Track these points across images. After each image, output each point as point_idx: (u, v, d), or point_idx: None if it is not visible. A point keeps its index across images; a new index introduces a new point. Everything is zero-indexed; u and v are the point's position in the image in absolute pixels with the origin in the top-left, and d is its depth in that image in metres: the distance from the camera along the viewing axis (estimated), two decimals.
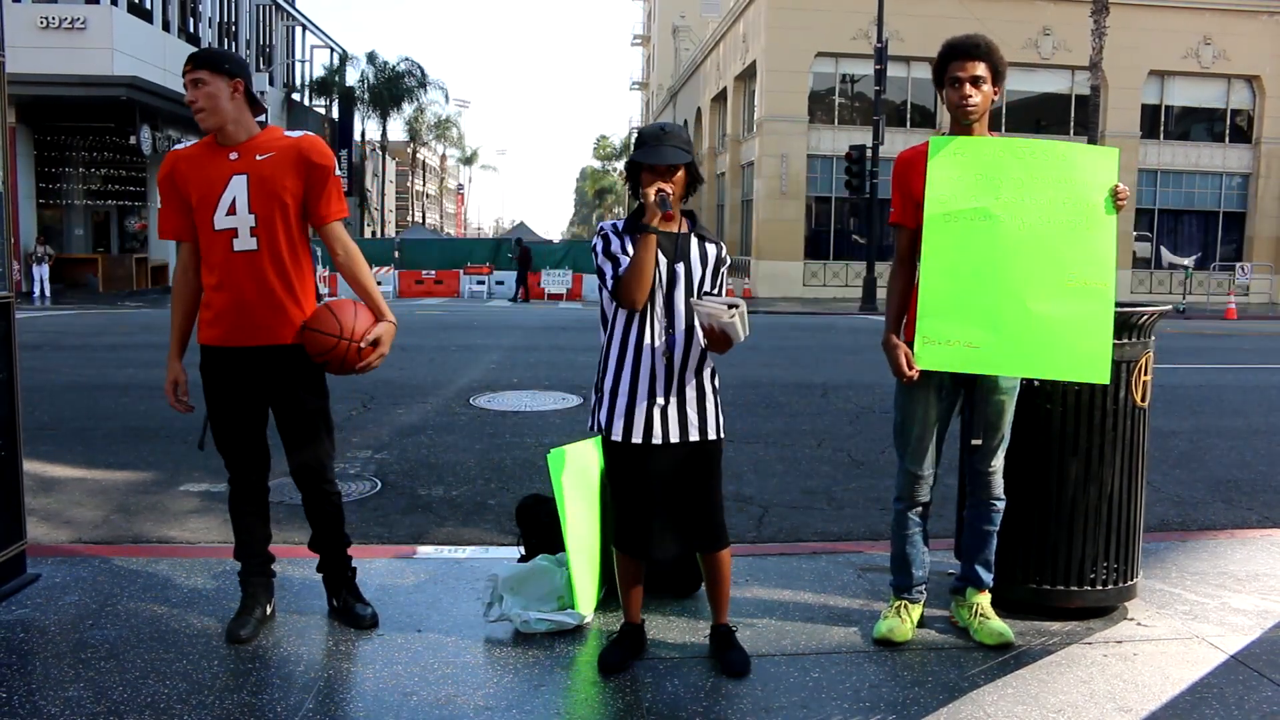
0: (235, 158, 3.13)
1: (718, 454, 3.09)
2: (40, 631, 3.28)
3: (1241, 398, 9.56)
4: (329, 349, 3.10)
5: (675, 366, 2.99)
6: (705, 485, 3.07)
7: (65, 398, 8.35)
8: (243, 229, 3.11)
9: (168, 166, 3.20)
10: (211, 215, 3.11)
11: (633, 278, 2.90)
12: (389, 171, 63.04)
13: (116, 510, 5.01)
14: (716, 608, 3.19)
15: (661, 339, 2.98)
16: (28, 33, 21.02)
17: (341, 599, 3.42)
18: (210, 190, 3.12)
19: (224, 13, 31.22)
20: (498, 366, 10.98)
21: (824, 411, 8.17)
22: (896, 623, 3.33)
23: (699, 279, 3.01)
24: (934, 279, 3.16)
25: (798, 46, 28.59)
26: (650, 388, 2.99)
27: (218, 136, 3.16)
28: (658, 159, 2.93)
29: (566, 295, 28.73)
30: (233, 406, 3.23)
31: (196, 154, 3.19)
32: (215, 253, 3.14)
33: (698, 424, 3.02)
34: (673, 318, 2.98)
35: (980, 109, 3.20)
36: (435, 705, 2.82)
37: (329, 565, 3.44)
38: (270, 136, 3.19)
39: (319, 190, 3.18)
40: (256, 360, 3.18)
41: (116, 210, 26.74)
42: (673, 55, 49.91)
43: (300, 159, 3.14)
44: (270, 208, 3.11)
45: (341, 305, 3.18)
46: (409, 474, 5.86)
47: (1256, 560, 4.26)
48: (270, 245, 3.13)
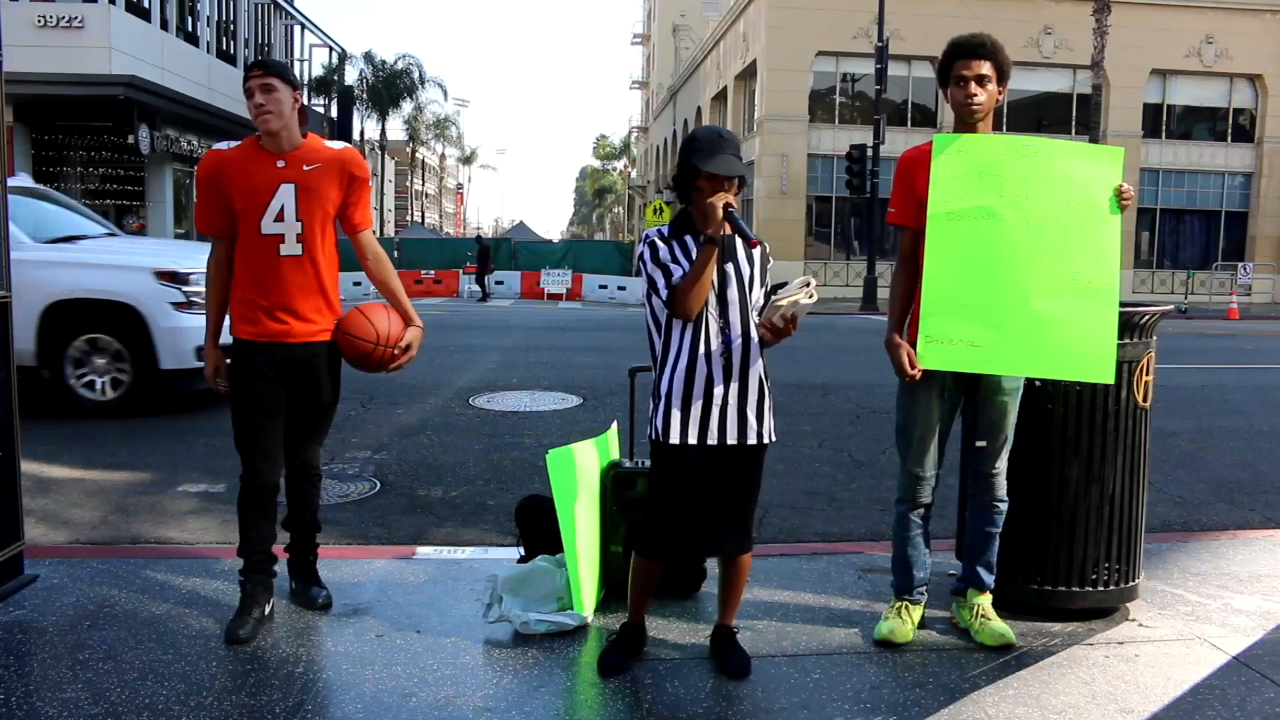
0: (283, 165, 3.25)
1: (764, 457, 3.09)
2: (38, 633, 3.27)
3: (1244, 398, 9.55)
4: (365, 353, 3.32)
5: (735, 367, 2.97)
6: (749, 487, 3.07)
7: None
8: (289, 235, 3.25)
9: (213, 166, 3.27)
10: (259, 220, 3.23)
11: (692, 288, 2.86)
12: (388, 171, 63.00)
13: (114, 511, 4.99)
14: (726, 609, 3.19)
15: (719, 340, 2.96)
16: (25, 31, 20.99)
17: (300, 580, 3.56)
18: (257, 196, 3.23)
19: (223, 11, 31.18)
20: (497, 366, 10.97)
21: (824, 412, 8.16)
22: (897, 624, 3.32)
23: (749, 276, 3.00)
24: (937, 278, 3.14)
25: (798, 46, 28.57)
26: (707, 390, 2.95)
27: (268, 142, 3.25)
28: (727, 170, 2.85)
29: (566, 295, 28.73)
30: (262, 402, 3.30)
31: (242, 157, 3.27)
32: (261, 256, 3.26)
33: (756, 426, 3.00)
34: (728, 318, 2.96)
35: (985, 108, 3.18)
36: (434, 706, 2.81)
37: (297, 547, 3.56)
38: (313, 147, 3.32)
39: (356, 200, 3.40)
40: (290, 357, 3.30)
41: (115, 210, 26.68)
42: (673, 54, 49.89)
43: (344, 172, 3.33)
44: (315, 216, 3.27)
45: (374, 310, 3.38)
46: (408, 474, 5.85)
47: (1259, 561, 4.25)
48: (313, 251, 3.29)
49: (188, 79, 26.14)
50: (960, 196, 3.14)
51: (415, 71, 46.57)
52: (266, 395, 3.30)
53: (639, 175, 65.63)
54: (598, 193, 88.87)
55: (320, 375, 3.37)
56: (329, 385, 3.42)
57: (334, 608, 3.50)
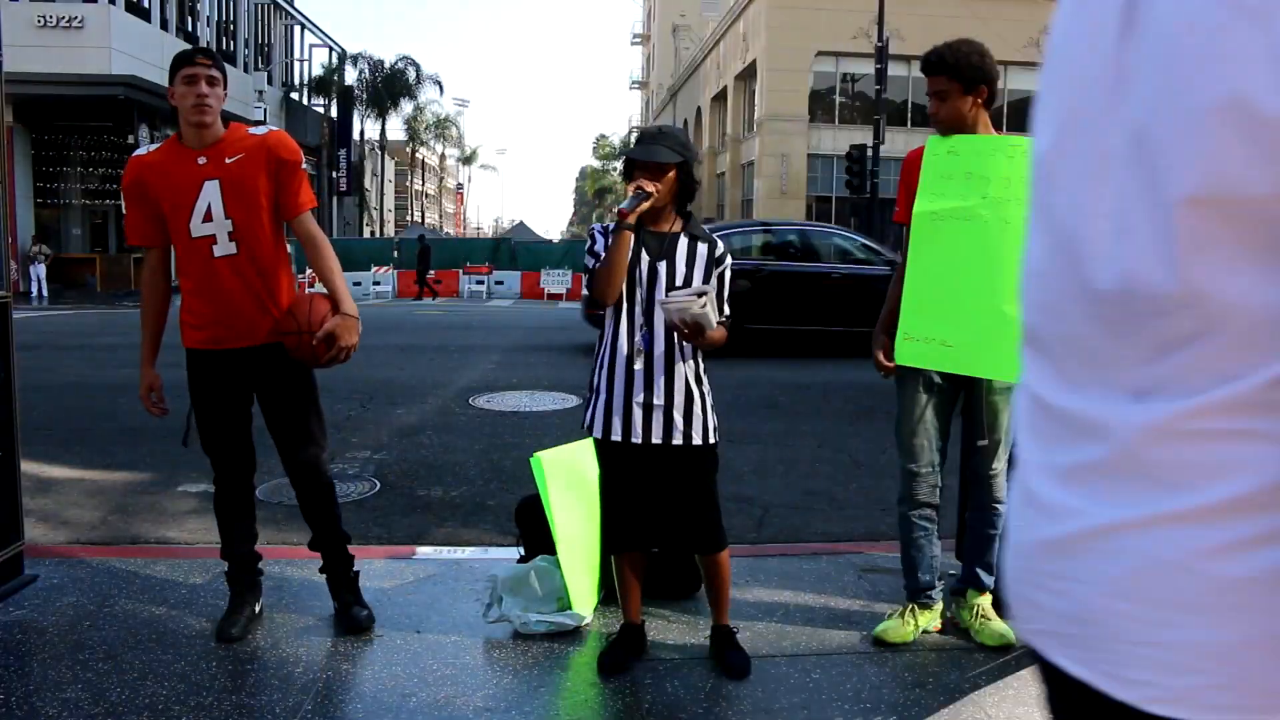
0: (204, 162, 3.07)
1: (709, 459, 3.05)
2: (38, 632, 3.27)
3: None
4: (292, 346, 3.10)
5: (656, 366, 2.96)
6: (697, 489, 3.04)
7: (63, 398, 8.34)
8: (221, 234, 3.08)
9: (133, 173, 3.13)
10: (187, 223, 3.07)
11: (603, 271, 2.92)
12: (388, 171, 63.00)
13: (114, 511, 4.99)
14: (716, 608, 3.19)
15: (641, 337, 2.96)
16: (25, 32, 20.99)
17: (342, 599, 3.40)
18: (182, 197, 3.07)
19: (222, 11, 31.18)
20: (497, 366, 10.97)
21: (824, 412, 8.16)
22: (896, 624, 3.32)
23: (683, 278, 2.98)
24: (917, 276, 3.18)
25: (798, 46, 28.60)
26: (628, 386, 2.97)
27: (189, 138, 3.10)
28: (647, 156, 2.92)
29: (566, 295, 28.72)
30: (221, 408, 3.23)
31: (161, 160, 3.12)
32: (195, 260, 3.11)
33: (682, 427, 2.97)
34: (651, 316, 2.97)
35: (945, 120, 3.17)
36: (434, 706, 2.81)
37: (331, 565, 3.41)
38: (235, 136, 3.14)
39: (288, 184, 3.16)
40: (243, 361, 3.18)
41: (114, 210, 26.69)
42: (673, 54, 49.91)
43: (269, 157, 3.11)
44: (246, 211, 3.09)
45: (298, 299, 3.17)
46: (408, 474, 5.85)
47: None
48: (249, 248, 3.11)
49: None
50: (946, 196, 3.15)
51: (414, 70, 46.58)
52: (225, 401, 3.21)
53: None
54: (598, 193, 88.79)
55: (279, 375, 3.21)
56: (292, 386, 3.24)
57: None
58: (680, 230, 3.04)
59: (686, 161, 2.98)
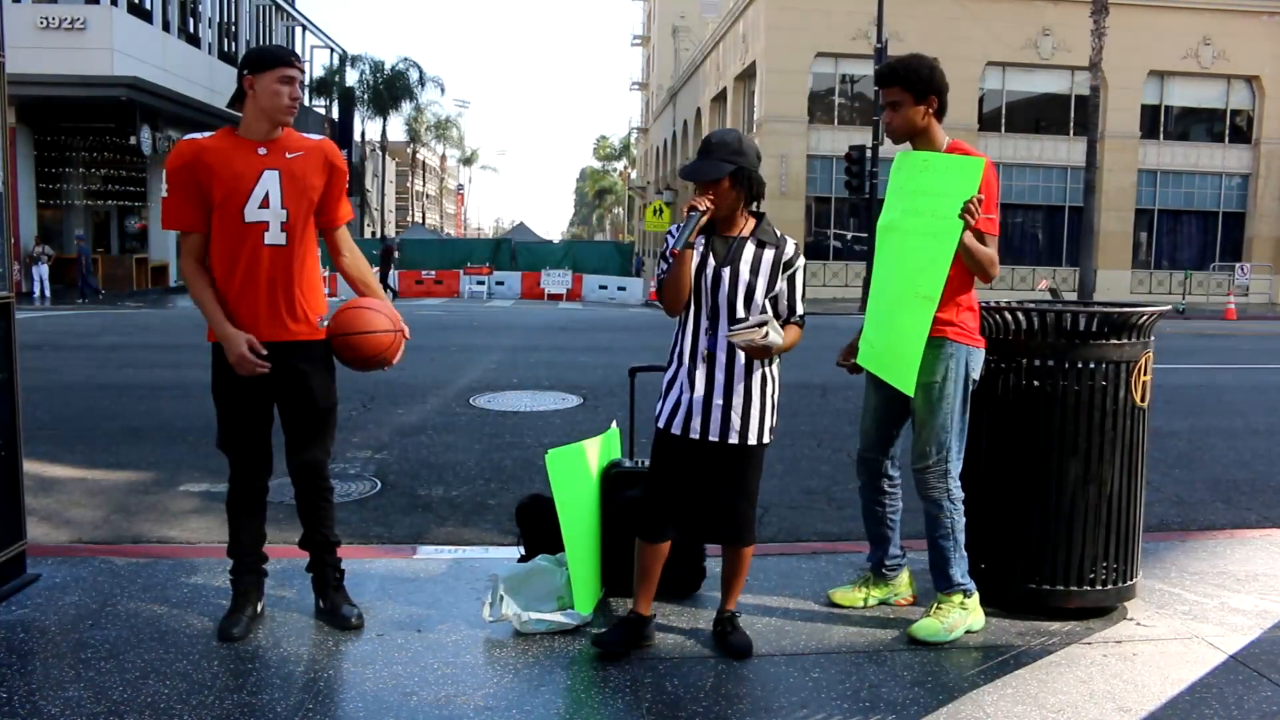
0: (264, 153, 3.16)
1: (756, 457, 3.16)
2: (40, 632, 3.28)
3: (1241, 398, 9.57)
4: (386, 346, 3.26)
5: (718, 368, 3.06)
6: (738, 484, 3.15)
7: (65, 398, 8.35)
8: (274, 223, 3.15)
9: (188, 155, 3.09)
10: (241, 207, 3.11)
11: (668, 285, 3.06)
12: (389, 172, 63.01)
13: (116, 510, 5.01)
14: (726, 595, 3.29)
15: (705, 340, 3.07)
16: (28, 33, 21.02)
17: (329, 599, 3.42)
18: (241, 182, 3.11)
19: (224, 13, 31.20)
20: (498, 366, 10.98)
21: (823, 411, 8.18)
22: (848, 589, 3.64)
23: (747, 284, 3.04)
24: (872, 284, 3.47)
25: (797, 46, 28.59)
26: (691, 385, 3.08)
27: (252, 130, 3.16)
28: (695, 177, 3.02)
29: (566, 296, 28.74)
30: (248, 403, 3.24)
31: (219, 146, 3.13)
32: (244, 245, 3.12)
33: (739, 427, 3.07)
34: (716, 321, 3.04)
35: (898, 129, 3.33)
36: (435, 705, 2.82)
37: (318, 565, 3.45)
38: (293, 136, 3.26)
39: (336, 193, 3.33)
40: (275, 356, 3.17)
41: (117, 210, 26.73)
42: (672, 55, 49.89)
43: (326, 161, 3.27)
44: (300, 204, 3.18)
45: (372, 303, 3.32)
46: (409, 474, 5.86)
47: (1256, 560, 4.27)
48: (297, 241, 3.20)
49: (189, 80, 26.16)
50: (888, 210, 3.39)
51: (415, 72, 46.59)
52: (251, 397, 3.21)
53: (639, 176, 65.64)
54: (598, 194, 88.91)
55: (311, 378, 3.24)
56: (322, 387, 3.27)
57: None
58: (750, 234, 3.09)
59: (740, 167, 3.02)
